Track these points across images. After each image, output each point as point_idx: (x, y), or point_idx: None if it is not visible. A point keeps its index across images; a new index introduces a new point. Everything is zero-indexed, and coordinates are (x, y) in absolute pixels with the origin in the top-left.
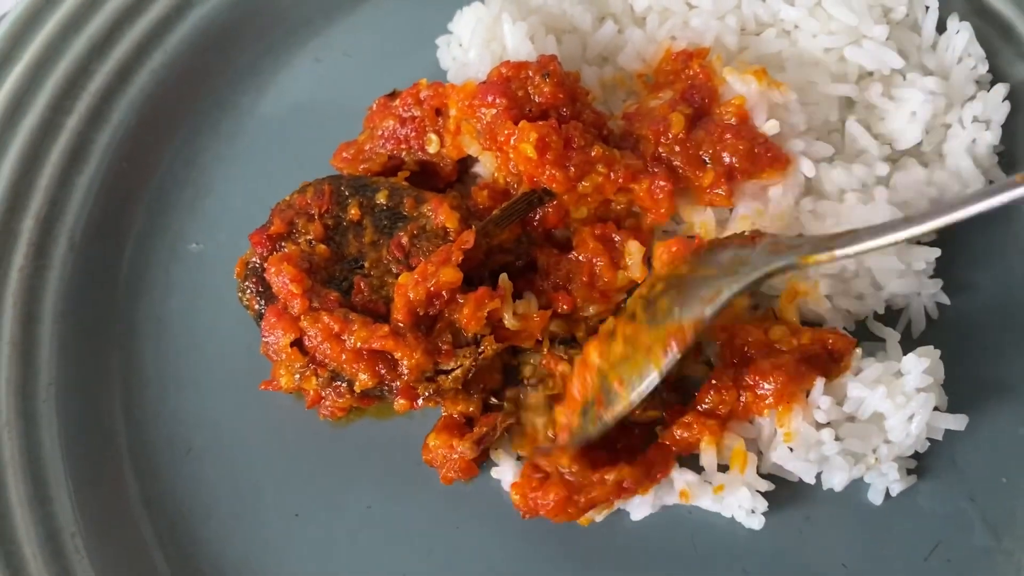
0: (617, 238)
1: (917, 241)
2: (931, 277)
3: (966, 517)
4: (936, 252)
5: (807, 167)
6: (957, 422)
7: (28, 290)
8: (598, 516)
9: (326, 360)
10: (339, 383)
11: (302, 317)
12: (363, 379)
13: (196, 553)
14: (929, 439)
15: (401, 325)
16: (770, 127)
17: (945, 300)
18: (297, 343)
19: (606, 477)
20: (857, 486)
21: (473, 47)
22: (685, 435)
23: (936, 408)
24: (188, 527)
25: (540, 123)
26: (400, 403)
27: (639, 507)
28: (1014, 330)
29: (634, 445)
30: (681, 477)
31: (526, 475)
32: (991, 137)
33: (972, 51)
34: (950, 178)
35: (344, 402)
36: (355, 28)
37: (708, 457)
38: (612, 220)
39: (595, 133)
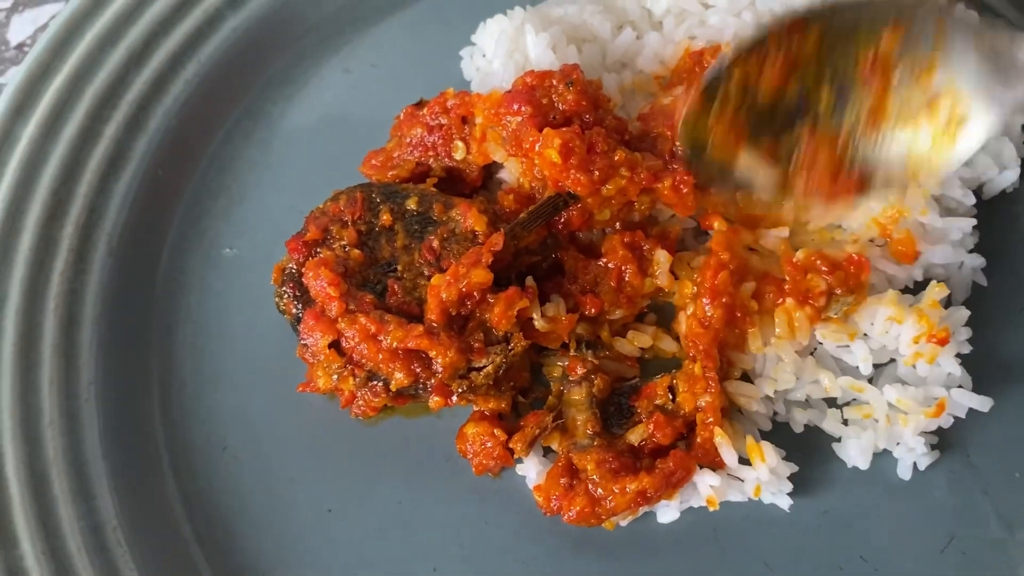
0: (646, 247)
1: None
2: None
3: (980, 511)
4: (972, 221)
5: None
6: (982, 403)
7: (69, 294)
8: (623, 521)
9: (363, 360)
10: (375, 382)
11: (339, 319)
12: (399, 378)
13: (232, 547)
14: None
15: (435, 325)
16: None
17: (983, 280)
18: (335, 344)
19: (628, 487)
20: (876, 477)
21: (497, 57)
22: (700, 440)
23: (960, 387)
24: (224, 522)
25: (564, 129)
26: (435, 400)
27: (665, 511)
28: None
29: (658, 452)
30: (704, 481)
31: (552, 479)
32: (1022, 117)
33: None
34: (991, 163)
35: (379, 401)
36: (382, 40)
37: (728, 453)
38: (637, 225)
39: (617, 138)
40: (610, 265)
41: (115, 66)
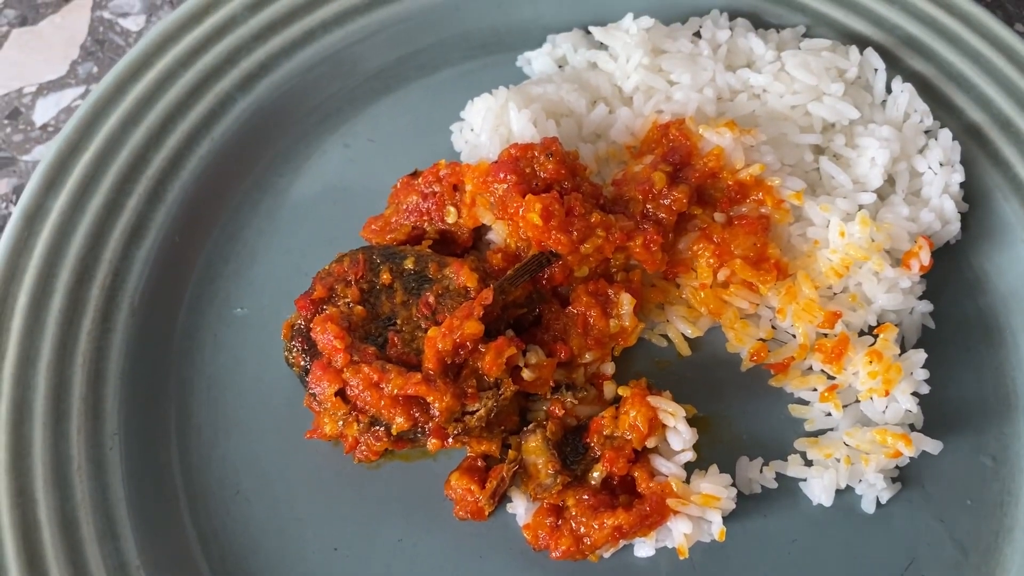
0: (611, 292)
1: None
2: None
3: (936, 536)
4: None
5: (786, 192)
6: (934, 447)
7: (95, 351)
8: (606, 553)
9: (366, 407)
10: (377, 427)
11: (345, 369)
12: (399, 422)
13: None
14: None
15: (431, 373)
16: (754, 170)
17: (931, 324)
18: (340, 393)
19: (605, 522)
20: (838, 513)
21: (484, 132)
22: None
23: (912, 426)
24: (238, 560)
25: (544, 195)
26: (432, 442)
27: (642, 547)
28: (971, 367)
29: (630, 486)
30: (678, 528)
31: (539, 518)
32: (959, 176)
33: (917, 107)
34: (935, 218)
35: (381, 445)
36: (378, 117)
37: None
38: (608, 276)
39: (593, 202)
40: (576, 312)
41: (136, 145)
